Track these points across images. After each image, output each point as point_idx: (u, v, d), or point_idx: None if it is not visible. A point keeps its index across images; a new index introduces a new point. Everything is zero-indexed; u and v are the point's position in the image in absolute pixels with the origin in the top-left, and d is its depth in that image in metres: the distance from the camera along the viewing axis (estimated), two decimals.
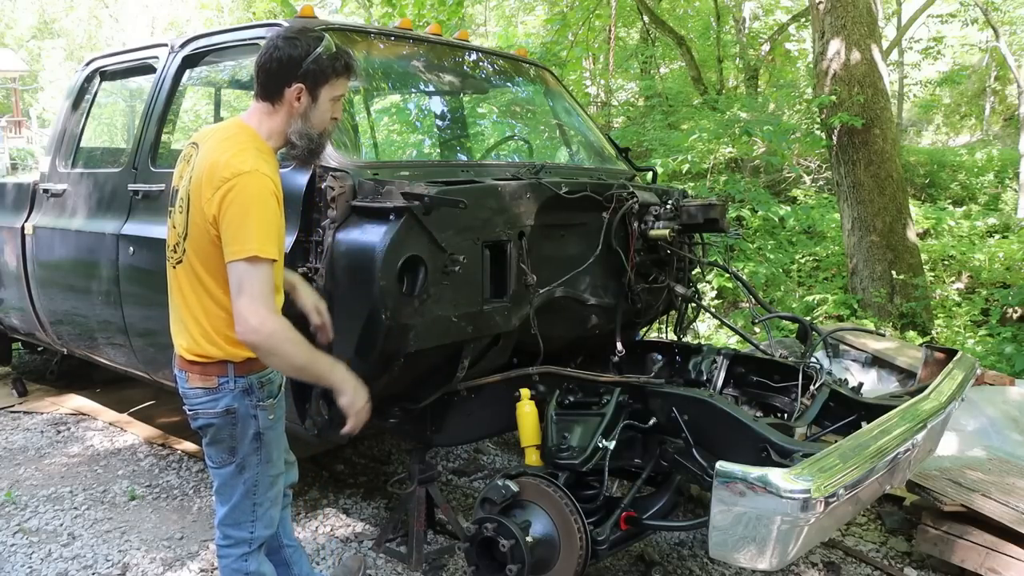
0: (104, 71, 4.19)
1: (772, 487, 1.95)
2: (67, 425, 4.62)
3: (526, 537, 2.49)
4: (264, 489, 2.15)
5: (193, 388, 2.06)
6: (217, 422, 2.05)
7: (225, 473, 2.11)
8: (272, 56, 1.98)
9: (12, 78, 26.95)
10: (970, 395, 3.74)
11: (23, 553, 3.16)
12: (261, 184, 1.89)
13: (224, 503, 2.15)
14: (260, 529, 2.17)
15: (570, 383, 2.91)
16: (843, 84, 6.60)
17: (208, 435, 2.09)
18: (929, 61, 14.76)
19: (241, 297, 1.87)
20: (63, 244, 3.98)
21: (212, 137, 2.03)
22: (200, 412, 2.06)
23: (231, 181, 1.87)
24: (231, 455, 2.09)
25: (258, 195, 1.88)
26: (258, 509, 2.15)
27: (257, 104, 2.04)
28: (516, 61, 4.12)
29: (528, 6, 16.83)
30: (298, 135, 2.02)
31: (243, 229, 1.87)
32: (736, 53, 13.18)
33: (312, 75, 1.98)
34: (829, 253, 8.18)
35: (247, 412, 2.06)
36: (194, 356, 2.03)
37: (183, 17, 29.52)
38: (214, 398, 2.04)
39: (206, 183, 1.92)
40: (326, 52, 1.99)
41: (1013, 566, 2.87)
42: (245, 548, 2.16)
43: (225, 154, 1.92)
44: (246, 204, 1.87)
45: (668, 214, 3.24)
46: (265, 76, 2.00)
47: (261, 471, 2.13)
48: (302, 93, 1.99)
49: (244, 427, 2.06)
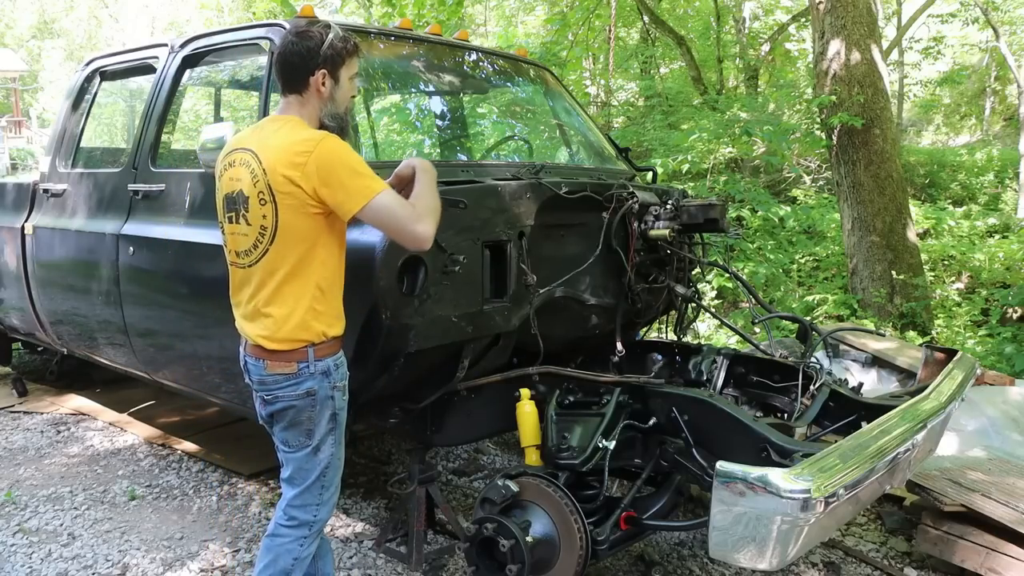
0: (104, 71, 4.19)
1: (772, 487, 1.95)
2: (67, 425, 4.62)
3: (526, 537, 2.49)
4: (334, 473, 2.24)
5: (273, 375, 2.14)
6: (299, 404, 2.14)
7: (301, 456, 2.19)
8: (292, 51, 2.14)
9: (12, 78, 26.95)
10: (970, 395, 3.74)
11: (23, 553, 3.16)
12: (338, 142, 2.07)
13: (295, 486, 2.22)
14: (324, 513, 2.25)
15: (570, 383, 2.91)
16: (843, 84, 6.60)
17: (286, 418, 2.17)
18: (929, 61, 14.77)
19: (394, 223, 2.06)
20: (63, 244, 3.98)
21: (260, 134, 2.14)
22: (280, 396, 2.15)
23: (314, 152, 2.01)
24: (308, 438, 2.17)
25: (341, 148, 2.05)
26: (325, 493, 2.23)
27: (287, 99, 2.18)
28: (516, 61, 4.11)
29: (528, 6, 16.83)
30: (329, 117, 2.19)
31: (354, 179, 2.03)
32: (736, 53, 13.18)
33: (331, 59, 2.14)
34: (829, 253, 8.18)
35: (326, 393, 2.16)
36: (276, 344, 2.11)
37: (183, 17, 29.53)
38: (296, 382, 2.13)
39: (286, 167, 2.02)
40: (337, 38, 2.16)
41: (1013, 566, 2.87)
42: (306, 531, 2.23)
43: (289, 137, 2.07)
44: (340, 158, 2.03)
45: (668, 214, 3.24)
46: (290, 71, 2.15)
47: (335, 453, 2.22)
48: (326, 78, 2.15)
49: (322, 408, 2.16)
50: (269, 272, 2.10)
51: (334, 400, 2.18)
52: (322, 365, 2.14)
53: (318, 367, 2.14)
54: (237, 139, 2.20)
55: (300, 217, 2.05)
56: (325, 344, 2.15)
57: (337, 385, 2.19)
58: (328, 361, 2.16)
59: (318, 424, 2.17)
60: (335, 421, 2.20)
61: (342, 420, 2.23)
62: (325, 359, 2.15)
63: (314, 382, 2.14)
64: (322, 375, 2.15)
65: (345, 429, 2.26)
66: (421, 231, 2.06)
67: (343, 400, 2.22)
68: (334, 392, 2.18)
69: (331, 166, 2.02)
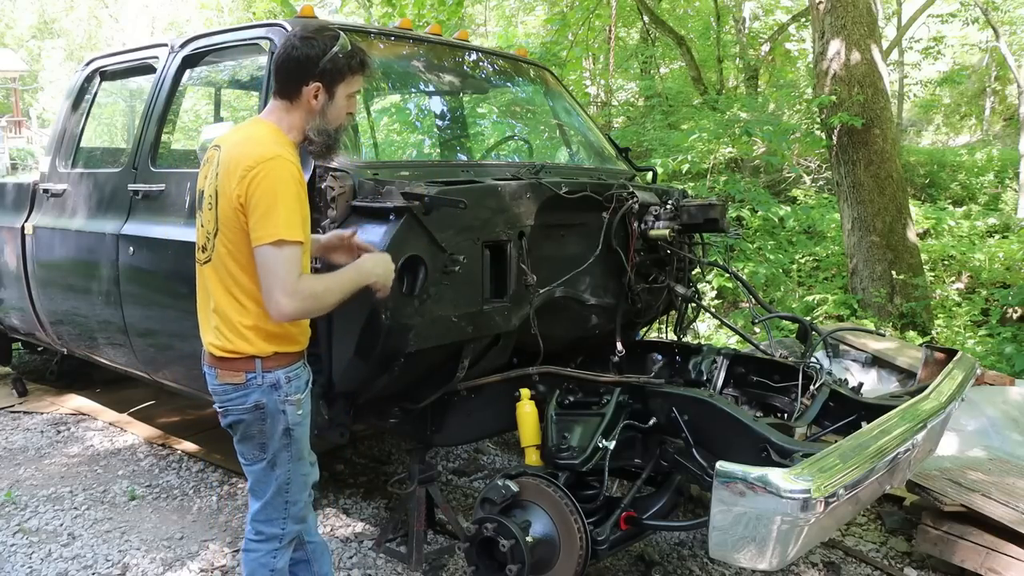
0: (104, 71, 4.19)
1: (772, 487, 1.95)
2: (67, 425, 4.62)
3: (526, 537, 2.49)
4: (298, 489, 2.18)
5: (222, 384, 2.07)
6: (247, 418, 2.07)
7: (257, 470, 2.14)
8: (290, 56, 2.03)
9: (12, 78, 26.95)
10: (970, 395, 3.74)
11: (23, 553, 3.16)
12: (285, 169, 1.95)
13: (258, 499, 2.17)
14: (291, 526, 2.20)
15: (570, 383, 2.91)
16: (843, 84, 6.60)
17: (239, 432, 2.11)
18: (929, 61, 14.76)
19: (268, 279, 1.93)
20: (63, 244, 3.98)
21: (233, 136, 2.09)
22: (230, 408, 2.08)
23: (256, 168, 1.92)
24: (262, 451, 2.11)
25: (282, 180, 1.93)
26: (291, 508, 2.18)
27: (275, 102, 2.09)
28: (516, 61, 4.11)
29: (528, 6, 16.83)
30: (316, 131, 2.09)
31: (270, 214, 1.91)
32: (736, 53, 13.18)
33: (329, 74, 2.03)
34: (829, 253, 8.18)
35: (276, 407, 2.07)
36: (223, 352, 2.04)
37: (183, 17, 29.53)
38: (243, 394, 2.05)
39: (232, 174, 1.96)
40: (342, 51, 2.04)
41: (1013, 566, 2.87)
42: (276, 544, 2.19)
43: (248, 146, 1.99)
44: (273, 188, 1.92)
45: (668, 214, 3.24)
46: (284, 75, 2.06)
47: (293, 469, 2.14)
48: (319, 91, 2.04)
49: (273, 423, 2.08)
50: (215, 276, 2.04)
51: (286, 415, 2.08)
52: (271, 377, 2.05)
53: (266, 379, 2.04)
54: (221, 136, 2.15)
55: (236, 230, 1.98)
56: (276, 356, 2.05)
57: (289, 399, 2.08)
58: (279, 373, 2.06)
59: (271, 438, 2.08)
60: (290, 437, 2.10)
61: (299, 436, 2.13)
62: (275, 371, 2.05)
63: (261, 394, 2.04)
64: (271, 387, 2.05)
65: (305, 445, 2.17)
66: (284, 305, 1.91)
67: (297, 415, 2.11)
68: (285, 406, 2.07)
69: (262, 191, 1.91)
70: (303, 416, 2.15)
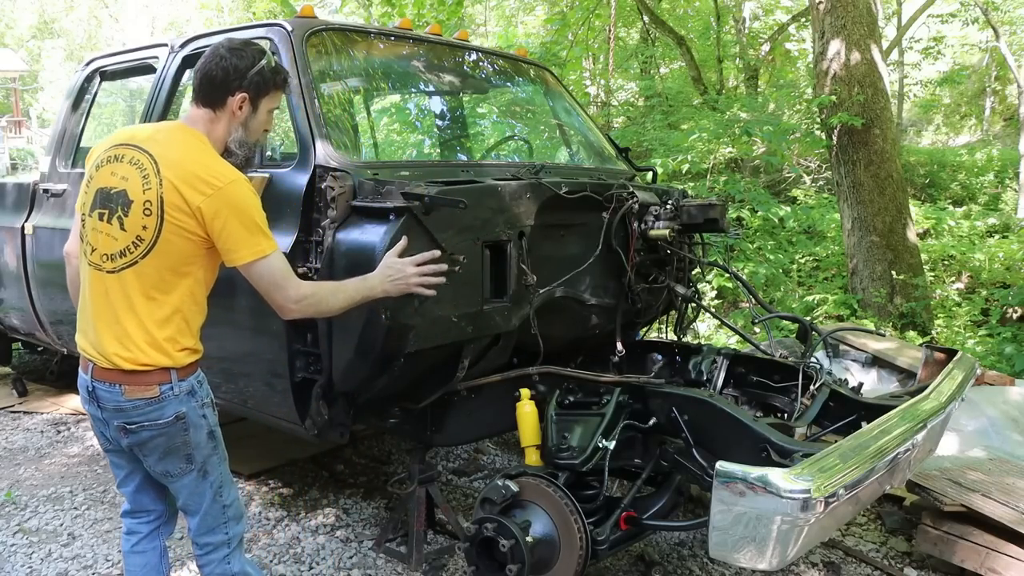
0: (104, 71, 4.19)
1: (772, 487, 1.94)
2: (67, 425, 4.62)
3: (526, 537, 2.49)
4: (228, 487, 2.16)
5: (132, 400, 1.98)
6: (168, 431, 2.01)
7: (188, 482, 2.09)
8: (218, 65, 2.04)
9: (12, 78, 26.96)
10: (970, 395, 3.74)
11: (23, 553, 3.16)
12: (248, 189, 2.00)
13: (194, 514, 2.14)
14: (234, 527, 2.18)
15: (570, 383, 2.91)
16: (843, 84, 6.60)
17: (157, 449, 2.04)
18: (929, 61, 14.76)
19: (273, 291, 2.02)
20: (63, 244, 3.96)
21: (162, 141, 2.02)
22: (144, 424, 2.00)
23: (223, 189, 1.93)
24: (189, 462, 2.07)
25: (251, 200, 1.99)
26: (228, 510, 2.16)
27: (197, 110, 2.08)
28: (516, 61, 4.11)
29: (528, 6, 16.84)
30: (237, 143, 2.10)
31: (251, 234, 1.97)
32: (736, 53, 13.18)
33: (256, 86, 2.07)
34: (829, 253, 8.18)
35: (196, 414, 2.05)
36: (134, 365, 1.97)
37: (183, 17, 29.55)
38: (158, 407, 1.99)
39: (188, 189, 1.92)
40: (268, 65, 2.09)
41: (1013, 566, 2.87)
42: (225, 550, 2.16)
43: (198, 159, 1.98)
44: (247, 210, 1.97)
45: (668, 214, 3.24)
46: (209, 84, 2.06)
47: (224, 470, 2.14)
48: (245, 102, 2.07)
49: (197, 430, 2.05)
50: (136, 286, 1.96)
51: (207, 419, 2.07)
52: (186, 385, 2.02)
53: (182, 387, 2.01)
54: (126, 133, 2.08)
55: (183, 241, 1.94)
56: (189, 365, 2.04)
57: (205, 402, 2.08)
58: (191, 380, 2.04)
59: (196, 447, 2.06)
60: (215, 439, 2.10)
61: (220, 435, 2.13)
62: (188, 379, 2.03)
63: (179, 404, 2.01)
64: (188, 395, 2.02)
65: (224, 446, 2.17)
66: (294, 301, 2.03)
67: (214, 416, 2.11)
68: (204, 410, 2.07)
69: (234, 212, 1.93)
70: (216, 415, 2.15)
